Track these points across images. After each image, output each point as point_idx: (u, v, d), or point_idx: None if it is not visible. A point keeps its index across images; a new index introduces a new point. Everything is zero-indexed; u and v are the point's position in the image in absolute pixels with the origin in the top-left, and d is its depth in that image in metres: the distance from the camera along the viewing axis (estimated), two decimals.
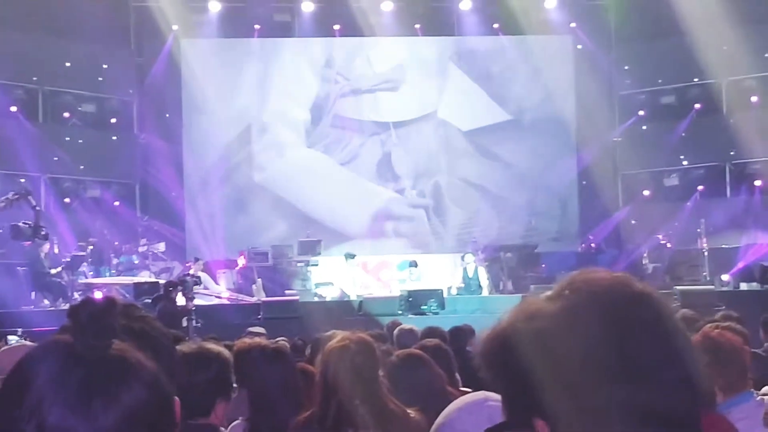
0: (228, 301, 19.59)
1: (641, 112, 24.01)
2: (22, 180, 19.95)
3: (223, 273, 21.12)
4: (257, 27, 23.74)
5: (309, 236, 21.62)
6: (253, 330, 10.11)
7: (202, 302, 17.95)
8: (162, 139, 23.30)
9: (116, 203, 22.63)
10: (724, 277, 19.70)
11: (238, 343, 4.89)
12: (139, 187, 23.65)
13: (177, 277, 18.16)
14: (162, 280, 18.21)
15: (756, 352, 6.91)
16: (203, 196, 23.55)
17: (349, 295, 19.61)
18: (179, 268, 21.11)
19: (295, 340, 9.47)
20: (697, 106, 23.15)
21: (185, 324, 15.18)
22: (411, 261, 20.88)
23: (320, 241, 21.45)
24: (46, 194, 21.15)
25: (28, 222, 16.19)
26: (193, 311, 16.15)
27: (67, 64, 22.25)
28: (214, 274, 20.72)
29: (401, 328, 9.18)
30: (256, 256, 20.98)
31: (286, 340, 8.45)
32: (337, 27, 23.75)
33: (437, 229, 24.07)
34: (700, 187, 22.80)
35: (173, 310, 14.94)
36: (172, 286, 15.96)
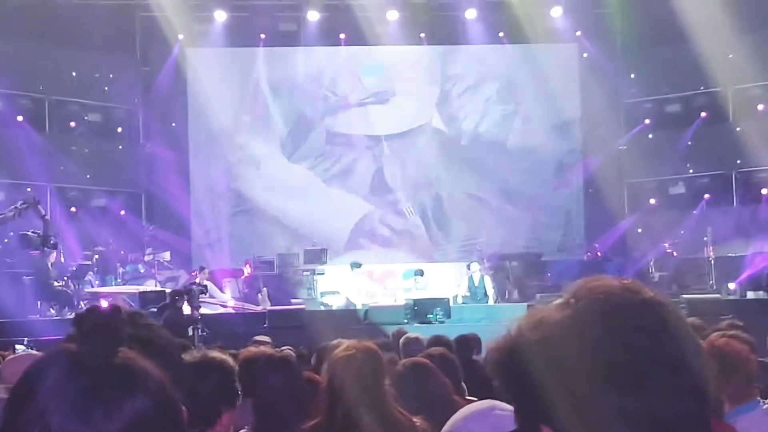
0: (233, 310, 19.57)
1: (647, 121, 23.96)
2: (29, 189, 19.97)
3: (228, 282, 21.12)
4: (263, 36, 23.77)
5: (315, 245, 21.62)
6: (258, 339, 10.09)
7: (207, 311, 17.94)
8: (168, 148, 23.34)
9: (122, 212, 22.65)
10: (731, 286, 19.67)
11: (243, 352, 4.88)
12: (145, 197, 23.67)
13: (183, 286, 18.16)
14: (168, 289, 18.20)
15: (762, 360, 6.89)
16: (209, 205, 23.56)
17: (355, 304, 19.58)
18: (185, 277, 21.11)
19: (301, 349, 9.46)
20: (703, 114, 23.12)
21: (191, 333, 15.18)
22: (417, 270, 20.82)
23: (326, 250, 21.46)
24: (52, 203, 21.16)
25: (37, 231, 16.23)
26: (199, 320, 16.14)
27: (74, 74, 22.31)
28: (220, 283, 20.71)
29: (407, 337, 9.16)
30: (261, 264, 20.99)
31: (292, 349, 8.44)
32: (342, 36, 23.77)
33: (438, 241, 24.02)
34: (707, 196, 22.76)
35: (179, 318, 14.94)
36: (178, 295, 15.96)
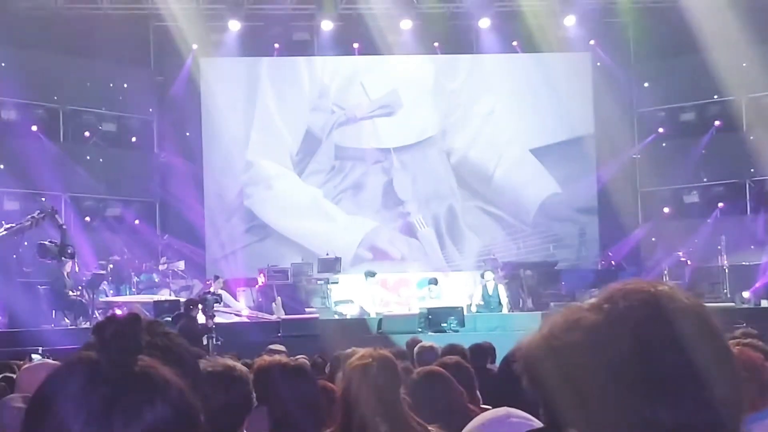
0: (248, 319, 19.59)
1: (661, 130, 23.91)
2: (43, 199, 20.05)
3: (242, 291, 21.14)
4: (276, 46, 23.81)
5: (329, 254, 21.61)
6: (273, 348, 10.09)
7: (222, 320, 17.97)
8: (182, 157, 23.39)
9: (136, 222, 22.69)
10: (745, 295, 19.60)
11: (258, 361, 4.87)
12: (159, 206, 23.72)
13: (198, 295, 18.21)
14: (182, 298, 18.24)
15: None
16: (223, 214, 23.58)
17: (369, 313, 19.58)
18: (199, 286, 21.14)
19: (315, 358, 9.45)
20: (717, 123, 23.06)
21: (205, 342, 15.21)
22: (431, 278, 20.80)
23: (340, 259, 21.45)
24: (67, 213, 21.21)
25: (54, 241, 16.29)
26: (213, 329, 16.17)
27: (88, 84, 22.38)
28: (234, 292, 20.74)
29: (421, 346, 9.14)
30: (275, 274, 20.98)
31: (306, 358, 8.44)
32: (356, 45, 23.81)
33: (451, 254, 23.94)
34: (721, 205, 22.70)
35: (193, 328, 14.95)
36: (193, 304, 15.99)
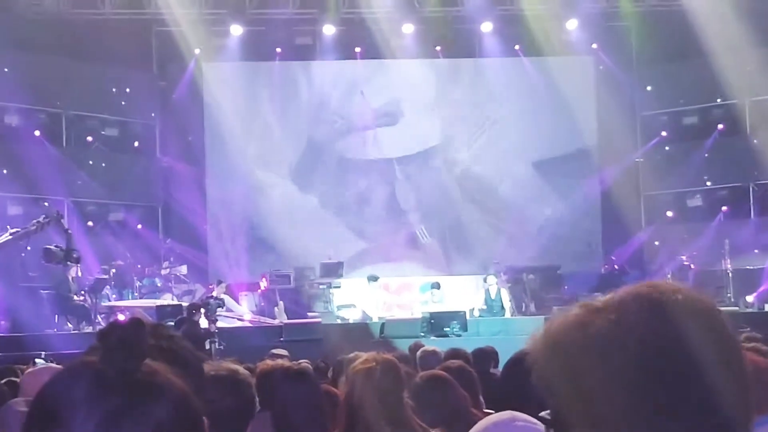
0: (250, 323, 19.59)
1: (664, 133, 23.90)
2: (46, 204, 20.06)
3: (245, 295, 21.14)
4: (279, 50, 23.82)
5: (331, 258, 21.61)
6: (276, 352, 10.09)
7: (224, 325, 17.97)
8: (184, 162, 23.41)
9: (139, 226, 22.69)
10: (749, 299, 19.59)
11: (261, 365, 4.89)
12: (162, 210, 23.73)
13: (200, 300, 18.21)
14: (185, 303, 18.25)
15: None
16: (225, 218, 23.58)
17: (371, 317, 19.58)
18: (201, 291, 21.14)
19: (318, 362, 9.45)
20: (720, 126, 23.04)
21: (208, 346, 15.21)
22: (433, 283, 20.78)
23: (342, 263, 21.44)
24: (69, 218, 21.19)
25: (60, 245, 16.30)
26: (216, 334, 16.17)
27: (91, 89, 22.39)
28: (237, 297, 20.75)
29: (424, 350, 9.15)
30: (278, 278, 20.99)
31: (309, 362, 8.43)
32: (358, 49, 23.81)
33: (456, 263, 23.93)
34: (724, 208, 22.69)
35: (196, 332, 14.95)
36: (195, 309, 16.00)
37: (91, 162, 22.39)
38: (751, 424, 1.45)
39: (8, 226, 16.82)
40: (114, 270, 20.65)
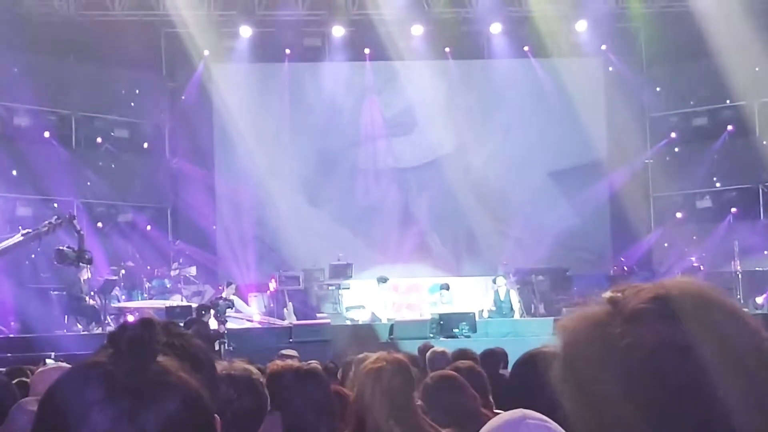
0: (260, 324, 19.62)
1: (673, 134, 23.86)
2: (55, 205, 20.10)
3: (254, 296, 21.16)
4: (288, 52, 23.83)
5: (340, 260, 21.60)
6: (285, 353, 10.10)
7: (234, 326, 18.00)
8: (194, 163, 23.44)
9: (148, 227, 22.71)
10: (758, 300, 19.55)
11: (270, 365, 4.87)
12: (171, 212, 23.75)
13: (210, 301, 18.24)
14: (194, 304, 18.27)
15: None
16: (234, 220, 23.57)
17: (380, 319, 19.57)
18: (210, 292, 21.15)
19: (327, 363, 9.44)
20: (730, 127, 22.99)
21: (217, 347, 15.23)
22: (443, 284, 20.77)
23: (351, 265, 21.42)
24: (79, 219, 21.24)
25: (72, 246, 16.33)
26: (225, 334, 16.20)
27: (100, 90, 22.41)
28: (246, 298, 20.77)
29: (433, 351, 9.13)
30: (287, 279, 21.01)
31: (318, 363, 8.42)
32: (367, 51, 23.81)
33: (462, 261, 23.90)
34: (733, 209, 22.65)
35: (206, 333, 14.96)
36: (205, 310, 16.02)
37: (101, 163, 22.42)
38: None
39: (20, 227, 16.85)
40: (123, 271, 20.70)
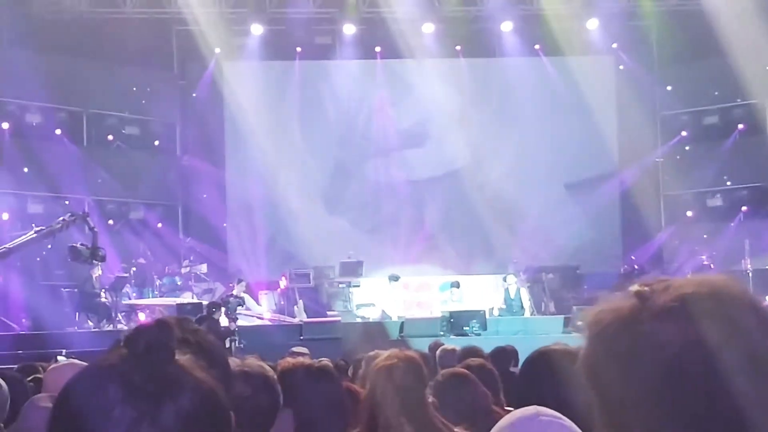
0: (270, 321, 19.63)
1: (684, 133, 23.82)
2: (67, 202, 20.12)
3: (265, 294, 21.17)
4: (299, 50, 23.84)
5: (350, 257, 21.59)
6: (296, 350, 10.10)
7: (244, 323, 18.02)
8: (204, 160, 23.47)
9: (159, 225, 22.75)
10: None
11: (281, 362, 4.86)
12: (182, 209, 23.80)
13: (220, 298, 18.25)
14: (204, 301, 18.29)
15: None
16: (245, 217, 23.59)
17: (391, 317, 19.57)
18: (221, 289, 21.17)
19: (338, 361, 9.44)
20: (741, 126, 22.95)
21: (228, 345, 15.24)
22: (453, 282, 20.75)
23: (362, 263, 21.41)
24: (90, 216, 21.30)
25: (85, 243, 16.37)
26: (236, 332, 16.22)
27: (111, 88, 22.44)
28: (256, 296, 20.78)
29: (443, 349, 9.14)
30: (297, 277, 21.01)
31: (329, 361, 8.41)
32: (378, 49, 23.81)
33: (473, 259, 23.84)
34: (744, 208, 22.59)
35: (217, 330, 14.98)
36: (216, 307, 16.04)
37: (112, 160, 22.45)
38: None
39: (33, 225, 16.89)
40: (134, 268, 20.74)
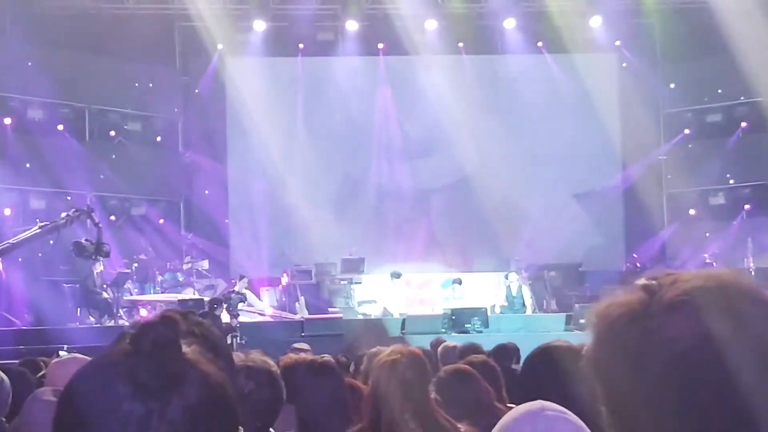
0: (272, 318, 19.64)
1: (687, 131, 23.80)
2: (69, 198, 20.10)
3: (266, 290, 21.16)
4: (301, 46, 23.82)
5: (352, 254, 21.58)
6: (298, 346, 10.10)
7: (246, 319, 18.02)
8: (207, 157, 23.48)
9: (161, 221, 22.75)
10: None
11: (284, 358, 4.86)
12: (184, 205, 23.80)
13: (222, 294, 18.26)
14: (206, 298, 18.29)
15: None
16: (247, 214, 23.58)
17: (392, 314, 19.56)
18: (223, 286, 21.19)
19: (339, 357, 9.44)
20: (744, 124, 22.93)
21: (230, 341, 15.24)
22: (455, 279, 20.74)
23: (363, 259, 21.40)
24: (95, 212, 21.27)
25: (90, 239, 16.37)
26: (238, 328, 16.22)
27: (114, 83, 22.44)
28: (258, 292, 20.78)
29: (445, 346, 9.15)
30: (299, 274, 21.01)
31: (331, 357, 8.41)
32: (381, 46, 23.79)
33: (475, 256, 23.82)
34: (747, 206, 22.57)
35: (218, 326, 14.98)
36: (217, 303, 16.05)
37: (114, 156, 22.44)
38: None
39: (37, 220, 16.89)
40: (136, 264, 20.73)
